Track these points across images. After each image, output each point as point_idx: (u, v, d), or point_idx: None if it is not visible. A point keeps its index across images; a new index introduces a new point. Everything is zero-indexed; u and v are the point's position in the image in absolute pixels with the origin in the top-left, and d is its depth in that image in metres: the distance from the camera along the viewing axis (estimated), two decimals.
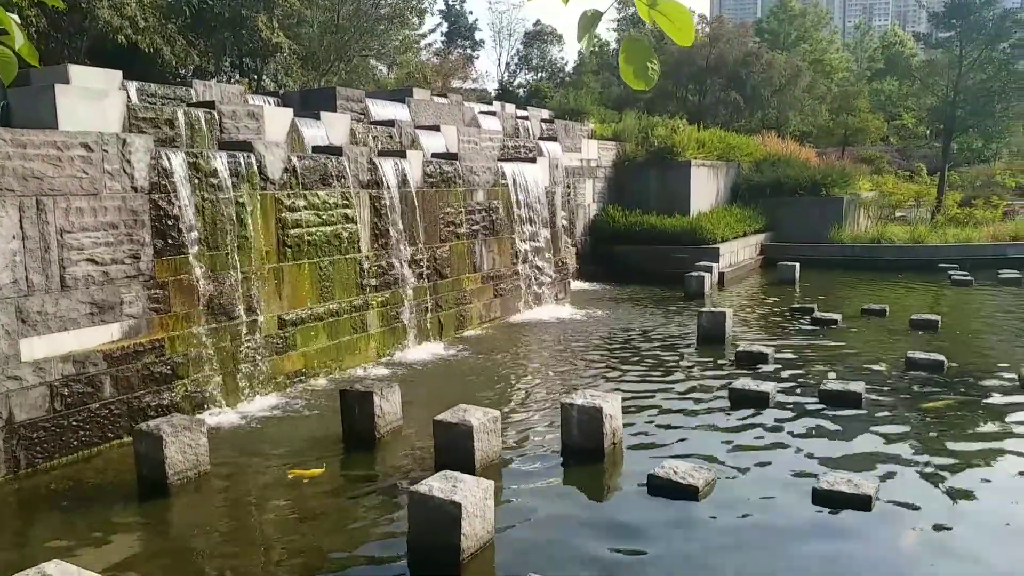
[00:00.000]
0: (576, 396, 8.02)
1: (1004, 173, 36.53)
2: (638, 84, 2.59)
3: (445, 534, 5.56)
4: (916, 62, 39.04)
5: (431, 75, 38.32)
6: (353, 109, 14.91)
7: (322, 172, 11.03)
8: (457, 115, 17.51)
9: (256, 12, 24.07)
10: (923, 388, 9.92)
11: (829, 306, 15.63)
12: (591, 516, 6.60)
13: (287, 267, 10.50)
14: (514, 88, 51.45)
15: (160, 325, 8.85)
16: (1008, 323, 14.73)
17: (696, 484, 6.67)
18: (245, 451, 8.25)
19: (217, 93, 13.12)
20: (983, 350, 12.59)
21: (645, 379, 10.76)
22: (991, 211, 27.65)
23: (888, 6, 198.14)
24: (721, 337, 12.82)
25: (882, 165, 38.12)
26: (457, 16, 56.59)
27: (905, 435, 8.21)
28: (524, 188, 15.91)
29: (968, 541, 5.97)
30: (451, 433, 7.31)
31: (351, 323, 11.56)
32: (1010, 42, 30.72)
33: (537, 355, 12.75)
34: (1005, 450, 7.79)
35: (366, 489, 7.25)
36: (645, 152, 23.80)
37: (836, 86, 46.71)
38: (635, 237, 21.17)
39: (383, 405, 8.37)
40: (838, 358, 11.70)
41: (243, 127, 10.99)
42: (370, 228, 11.91)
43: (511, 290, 15.57)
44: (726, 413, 9.06)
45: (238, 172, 9.74)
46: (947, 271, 20.50)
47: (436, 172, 13.42)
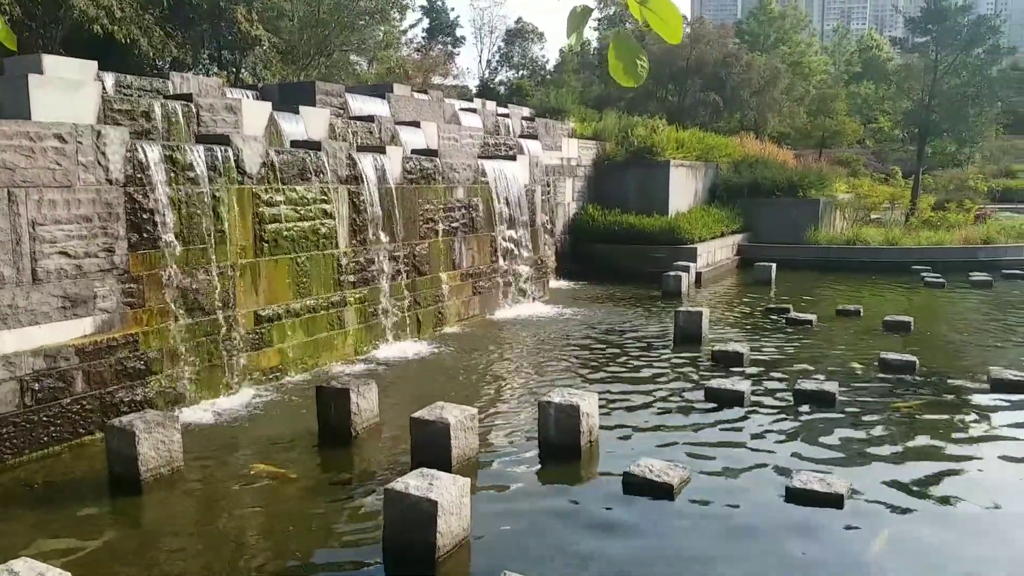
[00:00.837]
0: (554, 394, 8.04)
1: (976, 177, 37.05)
2: (627, 81, 2.60)
3: (421, 532, 5.55)
4: (892, 66, 39.52)
5: (412, 71, 38.21)
6: (333, 104, 14.83)
7: (300, 167, 10.95)
8: (437, 111, 17.47)
9: (235, 4, 23.86)
10: (896, 388, 10.05)
11: (804, 306, 15.79)
12: (567, 514, 6.61)
13: (264, 262, 10.42)
14: (495, 85, 51.41)
15: (134, 320, 8.75)
16: (978, 325, 14.97)
17: (671, 482, 6.72)
18: (220, 448, 8.18)
19: (195, 86, 12.99)
20: (954, 351, 12.78)
21: (622, 377, 10.81)
22: (964, 214, 28.07)
23: (866, 10, 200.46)
24: (698, 336, 12.91)
25: (858, 168, 38.55)
26: (438, 12, 56.45)
27: (878, 435, 8.31)
28: (504, 186, 15.91)
29: (937, 541, 6.06)
30: (428, 430, 7.30)
31: (328, 319, 11.50)
32: (984, 48, 31.15)
33: (515, 353, 12.76)
34: (975, 450, 7.91)
35: (342, 486, 7.22)
36: (625, 152, 23.89)
37: (814, 88, 47.16)
38: (614, 236, 21.26)
39: (360, 402, 8.34)
40: (813, 358, 11.82)
41: (221, 120, 10.89)
42: (348, 224, 11.86)
43: (490, 288, 15.57)
44: (702, 412, 9.13)
45: (215, 166, 9.64)
46: (920, 273, 20.78)
47: (416, 168, 13.38)
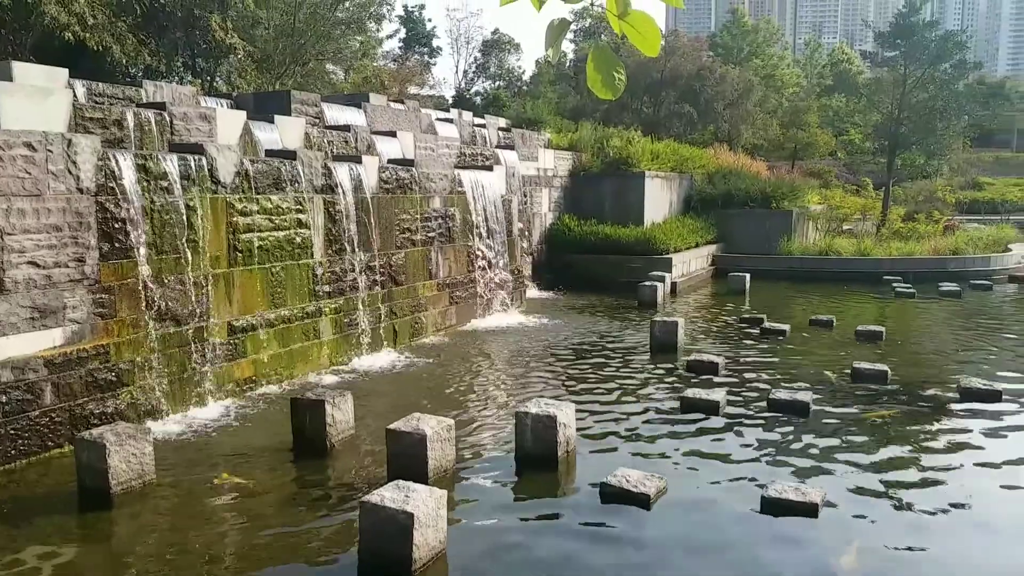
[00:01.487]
0: (530, 404, 8.03)
1: (945, 189, 37.76)
2: (605, 93, 2.61)
3: (397, 545, 5.51)
4: (863, 80, 40.17)
5: (388, 81, 38.15)
6: (308, 113, 14.76)
7: (275, 176, 10.88)
8: (414, 121, 17.46)
9: (209, 12, 23.68)
10: (868, 397, 10.17)
11: (778, 317, 15.95)
12: (544, 525, 6.60)
13: (238, 272, 10.32)
14: (471, 96, 51.50)
15: (105, 331, 8.61)
16: (948, 335, 15.21)
17: (648, 492, 6.73)
18: (192, 460, 8.07)
19: (168, 94, 12.86)
20: (925, 361, 12.97)
21: (599, 387, 10.84)
22: (933, 225, 28.56)
23: (837, 24, 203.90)
24: (673, 346, 12.98)
25: (830, 179, 39.14)
26: (415, 23, 56.46)
27: (851, 444, 8.40)
28: (481, 196, 15.92)
29: (908, 551, 6.13)
30: (404, 442, 7.25)
31: (303, 330, 11.41)
32: (951, 63, 31.81)
33: (492, 363, 12.75)
34: (946, 459, 8.02)
35: (316, 499, 7.14)
36: (601, 163, 24.03)
37: (787, 101, 47.83)
38: (590, 246, 21.34)
39: (335, 413, 8.27)
40: (787, 368, 11.94)
41: (195, 129, 10.79)
42: (324, 234, 11.79)
43: (467, 298, 15.55)
44: (678, 421, 9.17)
45: (189, 175, 9.55)
46: (891, 283, 21.08)
47: (392, 178, 13.34)
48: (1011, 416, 9.31)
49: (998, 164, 68.94)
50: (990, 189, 56.17)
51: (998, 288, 21.58)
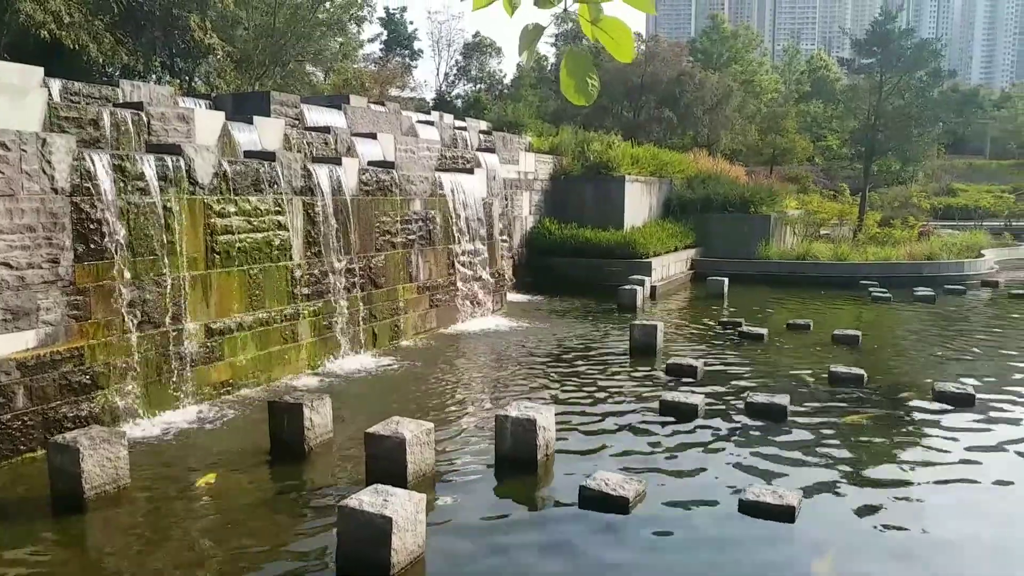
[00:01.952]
0: (510, 408, 8.03)
1: (920, 195, 38.29)
2: (578, 99, 2.61)
3: (375, 549, 5.48)
4: (840, 86, 40.71)
5: (368, 83, 38.04)
6: (288, 114, 14.68)
7: (254, 177, 10.80)
8: (394, 123, 17.41)
9: (188, 12, 23.49)
10: (845, 401, 10.27)
11: (756, 320, 16.06)
12: (523, 528, 6.60)
13: (215, 274, 10.23)
14: (452, 99, 51.50)
15: (79, 333, 8.50)
16: (923, 339, 15.40)
17: (626, 495, 6.75)
18: (168, 464, 7.98)
19: (146, 94, 12.74)
20: (900, 365, 13.12)
21: (579, 390, 10.85)
22: (908, 231, 28.94)
23: (815, 31, 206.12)
24: (653, 349, 13.04)
25: (808, 184, 39.52)
26: (396, 25, 56.37)
27: (827, 447, 8.47)
28: (462, 199, 15.91)
29: (883, 554, 6.20)
30: (383, 446, 7.22)
31: (281, 333, 11.33)
32: (926, 71, 32.26)
33: (472, 366, 12.73)
34: (921, 461, 8.12)
35: (294, 503, 7.09)
36: (581, 166, 24.11)
37: (765, 107, 48.27)
38: (571, 250, 21.40)
39: (313, 417, 8.22)
40: (764, 371, 12.03)
41: (172, 130, 10.69)
42: (303, 236, 11.72)
43: (448, 300, 15.52)
44: (657, 424, 9.20)
45: (166, 176, 9.46)
46: (867, 288, 21.31)
47: (372, 180, 13.30)
48: (984, 420, 9.43)
49: (972, 171, 70.02)
50: (964, 195, 57.03)
51: (971, 293, 21.90)
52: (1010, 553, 6.18)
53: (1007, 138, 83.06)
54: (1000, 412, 9.76)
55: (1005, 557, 6.11)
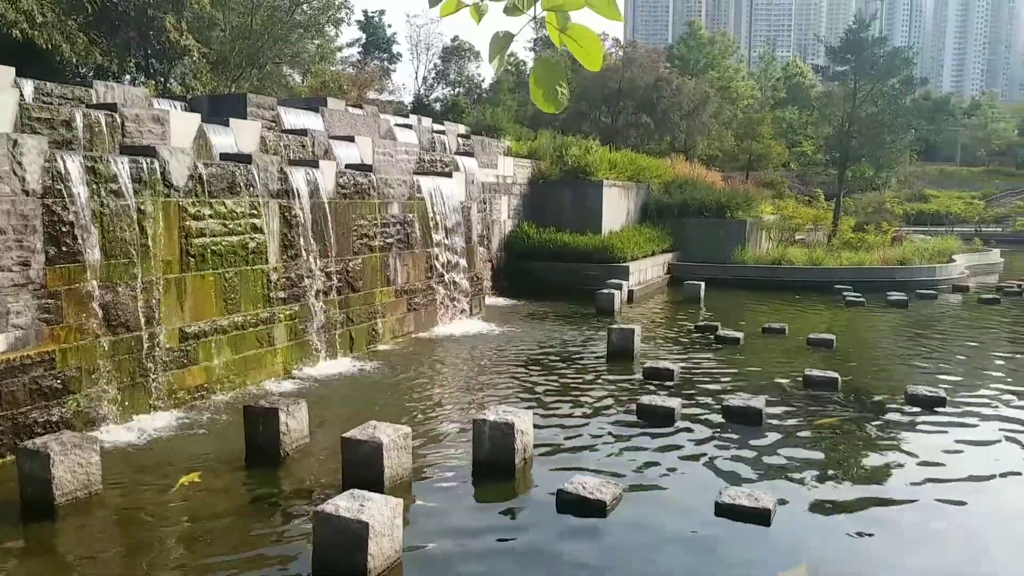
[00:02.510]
0: (488, 412, 8.02)
1: (893, 201, 38.82)
2: (548, 107, 2.62)
3: (351, 554, 5.45)
4: (815, 93, 41.11)
5: (347, 85, 37.88)
6: (264, 117, 14.58)
7: (230, 180, 10.71)
8: (372, 126, 17.36)
9: (164, 13, 23.26)
10: (820, 404, 10.38)
11: (732, 324, 16.19)
12: (501, 532, 6.59)
13: (190, 277, 10.12)
14: (431, 102, 51.43)
15: (51, 337, 8.37)
16: (896, 342, 15.61)
17: (604, 499, 6.77)
18: (141, 470, 7.88)
19: (120, 95, 12.59)
20: (874, 368, 13.29)
21: (556, 394, 10.87)
22: (881, 236, 29.33)
23: (790, 38, 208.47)
24: (630, 353, 13.09)
25: (783, 190, 39.92)
26: (375, 28, 56.21)
27: (803, 450, 8.56)
28: (440, 202, 15.88)
29: (857, 556, 6.26)
30: (360, 451, 7.18)
31: (257, 336, 11.23)
32: (898, 78, 32.72)
33: (450, 370, 12.70)
34: (893, 464, 8.22)
35: (270, 509, 7.03)
36: (559, 171, 24.18)
37: (741, 113, 48.71)
38: (549, 254, 21.44)
39: (289, 422, 8.15)
40: (740, 375, 12.12)
41: (147, 131, 10.57)
42: (279, 239, 11.64)
43: (426, 304, 15.48)
44: (634, 428, 9.24)
45: (140, 178, 9.35)
46: (842, 292, 21.56)
47: (349, 183, 13.24)
48: (955, 422, 9.57)
49: (943, 177, 71.17)
50: (935, 201, 57.99)
51: (943, 297, 22.24)
52: (984, 552, 6.27)
53: (977, 145, 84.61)
54: (971, 414, 9.91)
55: (979, 556, 6.20)
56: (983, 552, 6.31)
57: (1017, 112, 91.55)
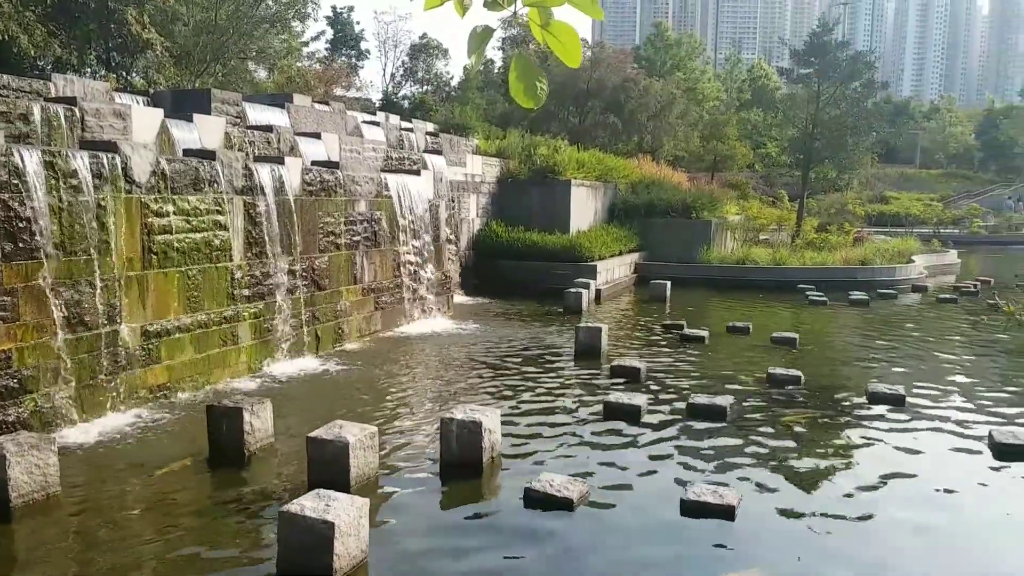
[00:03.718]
0: (456, 411, 8.00)
1: (855, 202, 39.50)
2: (527, 102, 2.62)
3: (317, 555, 5.40)
4: (779, 95, 41.68)
5: (313, 81, 37.53)
6: (229, 112, 14.38)
7: (193, 176, 10.55)
8: (339, 123, 17.22)
9: (125, 5, 22.82)
10: (783, 402, 10.53)
11: (698, 323, 16.35)
12: (467, 531, 6.59)
13: (152, 275, 9.95)
14: (399, 100, 51.18)
15: (7, 335, 8.16)
16: (857, 341, 15.90)
17: (571, 496, 6.79)
18: (101, 471, 7.72)
19: (80, 89, 12.34)
20: (836, 366, 13.52)
21: (524, 392, 10.88)
22: (844, 236, 29.83)
23: (755, 41, 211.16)
24: (597, 352, 13.16)
25: (748, 191, 40.39)
26: (343, 24, 55.77)
27: (766, 447, 8.68)
28: (408, 200, 15.81)
29: (818, 551, 6.37)
30: (325, 450, 7.12)
31: (221, 335, 11.08)
32: (860, 82, 33.28)
33: (418, 369, 12.65)
34: (855, 460, 8.38)
35: (233, 510, 6.93)
36: (528, 170, 24.20)
37: (707, 114, 49.18)
38: (517, 253, 21.46)
39: (253, 421, 8.05)
40: (706, 373, 12.25)
41: (108, 126, 10.37)
42: (243, 236, 11.49)
43: (393, 303, 15.40)
44: (601, 426, 9.29)
45: (100, 173, 9.16)
46: (805, 292, 21.88)
47: (316, 180, 13.12)
48: (914, 418, 9.78)
49: (903, 179, 72.61)
50: (896, 203, 59.11)
51: (902, 297, 22.71)
52: (942, 548, 6.41)
53: (935, 149, 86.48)
54: (929, 410, 10.13)
55: (938, 552, 6.34)
56: (942, 548, 6.45)
57: (973, 117, 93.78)
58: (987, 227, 52.75)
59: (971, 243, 45.66)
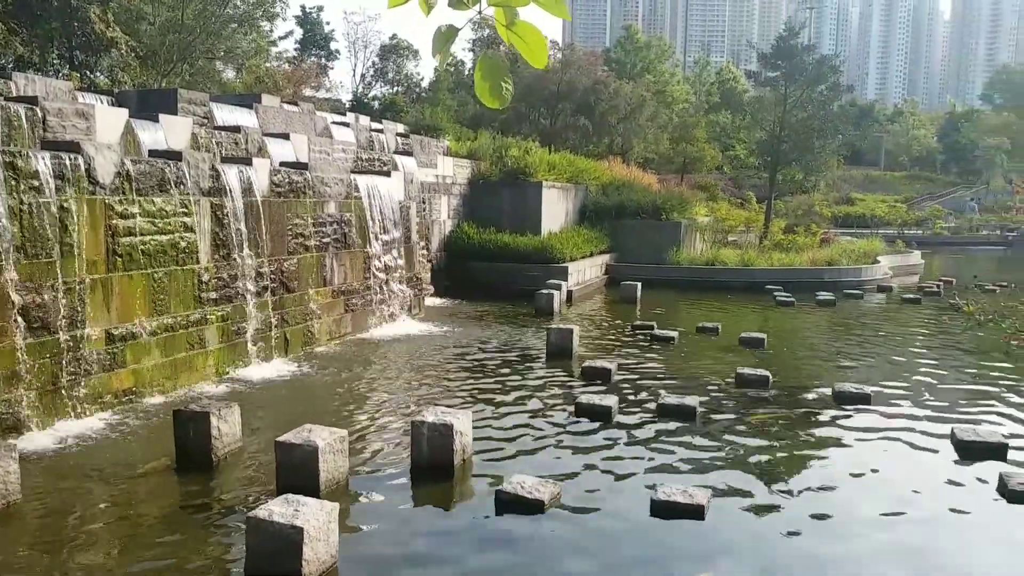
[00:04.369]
0: (427, 413, 7.97)
1: (821, 204, 40.08)
2: (493, 102, 2.61)
3: (286, 560, 5.34)
4: (747, 98, 42.19)
5: (282, 82, 37.16)
6: (196, 113, 14.19)
7: (159, 177, 10.39)
8: (308, 124, 17.08)
9: (89, 3, 22.42)
10: (751, 402, 10.64)
11: (667, 324, 16.47)
12: (438, 534, 6.56)
13: (117, 278, 9.78)
14: (369, 100, 50.90)
15: None
16: (824, 341, 16.12)
17: (542, 498, 6.80)
18: (64, 478, 7.57)
19: (42, 88, 12.10)
20: (803, 366, 13.70)
21: (496, 394, 10.88)
22: (810, 238, 30.24)
23: (724, 44, 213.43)
24: (569, 353, 13.20)
25: (716, 192, 40.81)
26: (313, 24, 55.34)
27: (735, 446, 8.76)
28: (378, 201, 15.72)
29: (788, 550, 6.45)
30: (294, 455, 7.05)
31: (188, 338, 10.92)
32: (826, 85, 33.79)
33: (389, 372, 12.58)
34: (822, 459, 8.49)
35: (200, 516, 6.83)
36: (499, 172, 24.21)
37: (677, 116, 49.57)
38: (489, 254, 21.44)
39: (221, 426, 7.95)
40: (675, 373, 12.34)
41: (71, 126, 10.17)
42: (211, 238, 11.34)
43: (363, 305, 15.30)
44: (572, 427, 9.31)
45: (63, 175, 8.99)
46: (772, 292, 22.14)
47: (284, 181, 12.99)
48: (880, 417, 9.93)
49: (868, 181, 73.94)
50: (861, 204, 60.13)
51: (868, 297, 23.08)
52: (911, 547, 6.52)
53: (899, 151, 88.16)
54: (894, 409, 10.31)
55: (907, 550, 6.44)
56: (908, 547, 6.55)
57: (935, 120, 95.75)
58: (949, 228, 53.87)
59: (934, 244, 46.61)
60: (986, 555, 6.38)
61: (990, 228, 54.34)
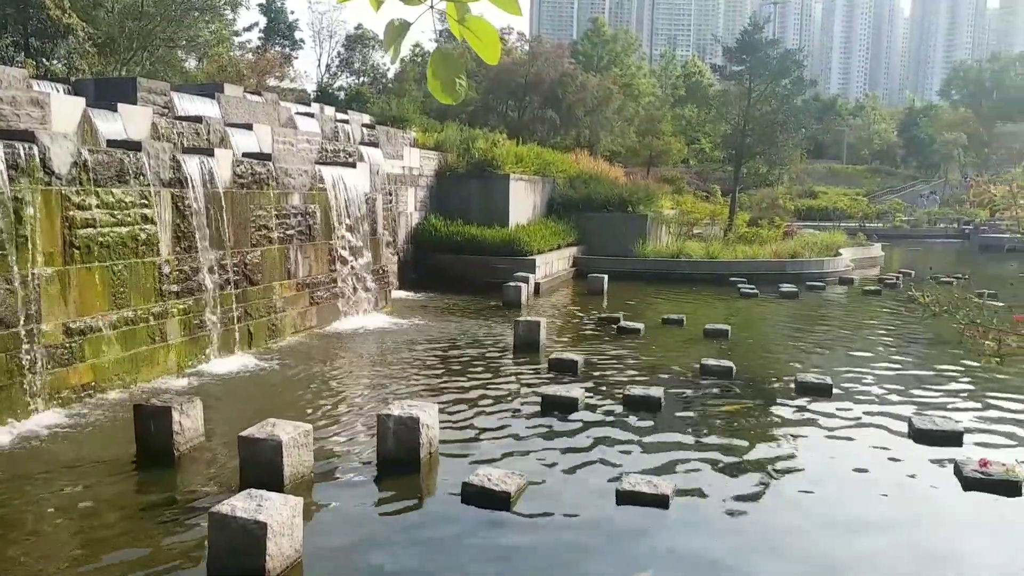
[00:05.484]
0: (393, 407, 7.93)
1: (785, 197, 40.62)
2: (445, 99, 2.58)
3: (249, 556, 5.28)
4: (712, 92, 42.52)
5: (246, 71, 36.58)
6: (156, 102, 13.92)
7: (118, 168, 10.18)
8: (272, 114, 16.85)
9: None
10: (715, 392, 10.76)
11: (633, 316, 16.58)
12: (404, 527, 6.54)
13: (75, 270, 9.57)
14: (334, 91, 50.34)
15: None
16: (787, 332, 16.36)
17: (508, 490, 6.81)
18: (19, 475, 7.40)
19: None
20: (766, 357, 13.88)
21: (462, 387, 10.86)
22: (774, 231, 30.65)
23: (690, 38, 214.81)
24: (536, 345, 13.22)
25: (682, 185, 41.14)
26: (276, 13, 54.49)
27: (699, 436, 8.85)
28: (343, 193, 15.58)
29: (749, 537, 6.54)
30: (258, 449, 6.96)
31: (149, 332, 10.73)
32: (790, 79, 34.19)
33: (355, 365, 12.49)
34: (784, 448, 8.62)
35: (161, 512, 6.72)
36: (466, 164, 24.14)
37: (643, 110, 49.87)
38: (456, 247, 21.39)
39: (182, 420, 7.83)
40: (641, 364, 12.43)
41: (25, 115, 9.92)
42: (172, 230, 11.14)
43: (329, 298, 15.16)
44: (539, 418, 9.34)
45: (17, 164, 8.75)
46: (736, 284, 22.40)
47: (247, 172, 12.81)
48: (840, 407, 10.10)
49: (830, 175, 75.06)
50: (824, 198, 61.06)
51: (830, 289, 23.47)
52: (869, 535, 6.65)
53: (861, 145, 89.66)
54: (854, 398, 10.49)
55: (867, 540, 6.57)
56: (871, 534, 6.69)
57: (895, 115, 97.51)
58: (908, 221, 54.98)
59: (894, 237, 47.53)
60: (942, 536, 6.53)
61: (947, 221, 55.56)
